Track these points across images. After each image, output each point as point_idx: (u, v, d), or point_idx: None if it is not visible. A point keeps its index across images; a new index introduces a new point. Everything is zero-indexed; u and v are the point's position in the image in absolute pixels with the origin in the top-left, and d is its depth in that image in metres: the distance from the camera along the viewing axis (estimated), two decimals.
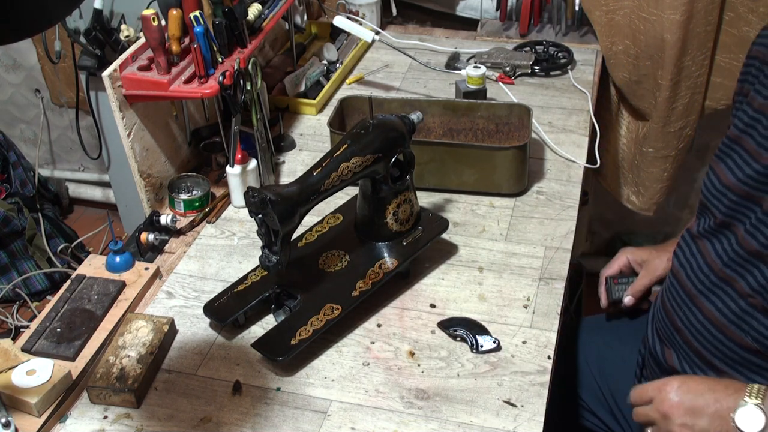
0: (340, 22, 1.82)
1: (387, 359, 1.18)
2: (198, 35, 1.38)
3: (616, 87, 1.99)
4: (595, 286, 1.49)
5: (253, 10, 1.55)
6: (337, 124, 1.57)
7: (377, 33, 1.97)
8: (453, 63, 1.93)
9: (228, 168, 1.47)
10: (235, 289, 1.27)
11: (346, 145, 1.20)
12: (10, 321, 2.40)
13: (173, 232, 1.46)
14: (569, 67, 1.90)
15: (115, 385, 1.11)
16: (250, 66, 1.45)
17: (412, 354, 1.19)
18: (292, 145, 1.70)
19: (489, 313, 1.25)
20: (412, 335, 1.22)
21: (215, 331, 1.25)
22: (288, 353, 1.14)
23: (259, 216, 1.13)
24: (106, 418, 1.11)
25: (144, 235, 1.42)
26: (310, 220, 1.33)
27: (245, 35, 1.52)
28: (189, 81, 1.42)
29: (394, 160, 1.24)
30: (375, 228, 1.30)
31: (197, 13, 1.39)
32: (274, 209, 1.10)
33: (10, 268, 2.46)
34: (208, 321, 1.26)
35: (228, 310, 1.23)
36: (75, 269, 1.48)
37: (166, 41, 1.40)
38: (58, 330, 1.23)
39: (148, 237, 1.42)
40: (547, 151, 1.63)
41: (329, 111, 1.69)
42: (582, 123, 1.71)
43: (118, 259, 1.35)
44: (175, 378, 1.17)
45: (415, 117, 1.30)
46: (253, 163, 1.48)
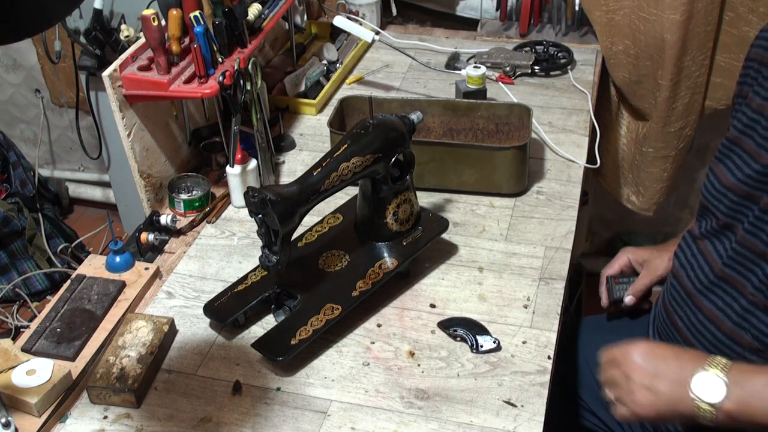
0: (340, 22, 1.82)
1: (387, 359, 1.18)
2: (198, 35, 1.38)
3: (616, 87, 1.99)
4: (595, 286, 1.49)
5: (253, 10, 1.55)
6: (337, 124, 1.57)
7: (377, 33, 1.97)
8: (453, 63, 1.93)
9: (228, 168, 1.47)
10: (235, 289, 1.27)
11: (346, 145, 1.20)
12: (10, 321, 2.40)
13: (173, 232, 1.46)
14: (569, 67, 1.90)
15: (115, 385, 1.11)
16: (250, 66, 1.45)
17: (412, 354, 1.19)
18: (292, 145, 1.70)
19: (489, 313, 1.25)
20: (412, 335, 1.22)
21: (215, 331, 1.25)
22: (288, 353, 1.14)
23: (259, 216, 1.13)
24: (106, 418, 1.11)
25: (144, 235, 1.42)
26: (310, 220, 1.33)
27: (245, 35, 1.52)
28: (189, 81, 1.42)
29: (394, 160, 1.24)
30: (375, 228, 1.30)
31: (197, 13, 1.39)
32: (274, 209, 1.10)
33: (10, 268, 2.46)
34: (208, 321, 1.26)
35: (228, 310, 1.23)
36: (75, 269, 1.48)
37: (166, 41, 1.40)
38: (58, 330, 1.23)
39: (148, 237, 1.42)
40: (547, 151, 1.63)
41: (329, 111, 1.69)
42: (582, 123, 1.71)
43: (118, 259, 1.35)
44: (175, 378, 1.17)
45: (415, 117, 1.30)
46: (253, 163, 1.48)
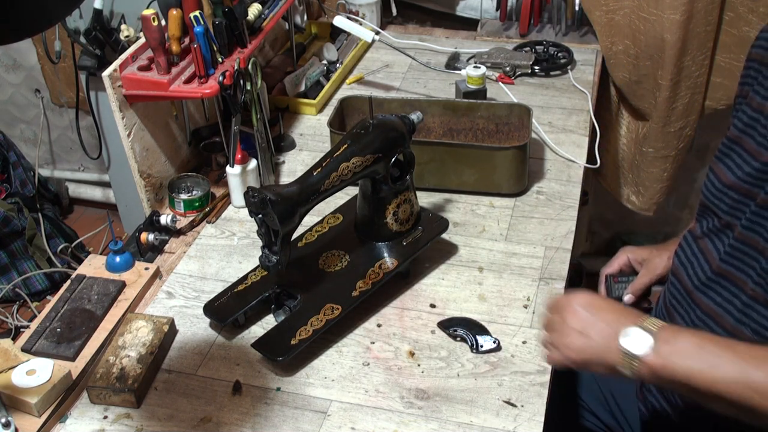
0: (340, 22, 1.82)
1: (387, 359, 1.18)
2: (198, 35, 1.38)
3: (616, 87, 1.99)
4: (595, 286, 1.49)
5: (253, 10, 1.55)
6: (337, 124, 1.57)
7: (377, 33, 1.97)
8: (453, 63, 1.93)
9: (228, 168, 1.47)
10: (235, 289, 1.27)
11: (346, 145, 1.20)
12: (10, 321, 2.40)
13: (173, 232, 1.46)
14: (569, 67, 1.90)
15: (115, 385, 1.11)
16: (250, 66, 1.45)
17: (412, 354, 1.19)
18: (292, 145, 1.70)
19: (489, 313, 1.25)
20: (412, 335, 1.22)
21: (215, 331, 1.25)
22: (288, 353, 1.14)
23: (259, 216, 1.13)
24: (106, 418, 1.11)
25: (144, 235, 1.42)
26: (310, 220, 1.33)
27: (245, 35, 1.52)
28: (189, 81, 1.42)
29: (394, 160, 1.24)
30: (375, 228, 1.30)
31: (197, 13, 1.39)
32: (274, 209, 1.10)
33: (10, 268, 2.46)
34: (208, 321, 1.26)
35: (228, 310, 1.23)
36: (75, 269, 1.48)
37: (166, 41, 1.40)
38: (58, 330, 1.23)
39: (148, 237, 1.42)
40: (547, 151, 1.63)
41: (329, 111, 1.69)
42: (582, 123, 1.71)
43: (118, 259, 1.35)
44: (175, 378, 1.17)
45: (415, 117, 1.30)
46: (253, 163, 1.48)
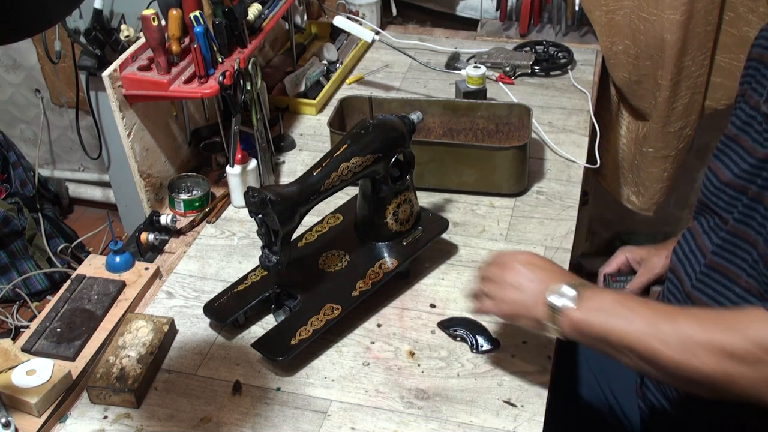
0: (340, 22, 1.82)
1: (387, 359, 1.18)
2: (198, 35, 1.38)
3: (616, 87, 1.99)
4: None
5: (253, 10, 1.55)
6: (337, 124, 1.57)
7: (377, 33, 1.97)
8: (453, 63, 1.93)
9: (228, 168, 1.47)
10: (235, 289, 1.27)
11: (346, 145, 1.20)
12: (10, 321, 2.40)
13: (173, 232, 1.46)
14: (569, 67, 1.90)
15: (115, 385, 1.11)
16: (250, 66, 1.45)
17: (412, 354, 1.19)
18: (292, 145, 1.70)
19: None
20: (412, 335, 1.22)
21: (215, 331, 1.25)
22: (288, 353, 1.14)
23: (259, 216, 1.13)
24: (106, 418, 1.11)
25: (144, 235, 1.42)
26: (310, 220, 1.33)
27: (245, 35, 1.52)
28: (189, 81, 1.42)
29: (394, 160, 1.24)
30: (375, 228, 1.30)
31: (197, 13, 1.39)
32: (274, 209, 1.10)
33: (10, 268, 2.46)
34: (208, 321, 1.26)
35: (228, 310, 1.23)
36: (75, 269, 1.48)
37: (166, 41, 1.40)
38: (58, 330, 1.23)
39: (148, 237, 1.42)
40: (547, 151, 1.63)
41: (329, 111, 1.69)
42: (582, 123, 1.71)
43: (118, 259, 1.35)
44: (175, 378, 1.17)
45: (415, 117, 1.30)
46: (253, 163, 1.48)
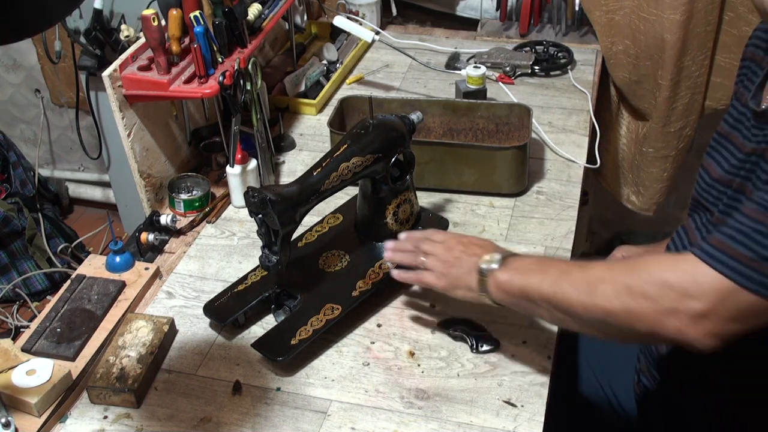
0: (340, 22, 1.82)
1: (387, 359, 1.18)
2: (198, 35, 1.38)
3: (616, 87, 1.99)
4: None
5: (253, 10, 1.55)
6: (337, 124, 1.57)
7: (377, 33, 1.97)
8: (453, 63, 1.93)
9: (228, 168, 1.47)
10: (235, 289, 1.27)
11: (346, 145, 1.20)
12: (10, 321, 2.40)
13: (173, 232, 1.46)
14: (569, 67, 1.90)
15: (115, 385, 1.11)
16: (250, 66, 1.45)
17: (412, 354, 1.19)
18: (292, 145, 1.70)
19: (489, 313, 1.24)
20: (412, 335, 1.22)
21: (215, 331, 1.25)
22: (288, 353, 1.14)
23: (259, 216, 1.13)
24: (106, 418, 1.11)
25: (144, 235, 1.42)
26: (310, 220, 1.33)
27: (245, 35, 1.52)
28: (189, 81, 1.42)
29: (394, 160, 1.24)
30: (375, 228, 1.30)
31: (197, 13, 1.39)
32: (274, 209, 1.10)
33: (10, 268, 2.46)
34: (208, 321, 1.26)
35: (228, 310, 1.23)
36: (75, 269, 1.48)
37: (166, 41, 1.40)
38: (58, 330, 1.23)
39: (148, 237, 1.42)
40: (547, 151, 1.63)
41: (329, 111, 1.69)
42: (582, 123, 1.71)
43: (118, 259, 1.35)
44: (175, 378, 1.17)
45: (415, 117, 1.30)
46: (253, 163, 1.48)
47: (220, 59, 1.46)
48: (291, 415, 1.10)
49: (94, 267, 1.37)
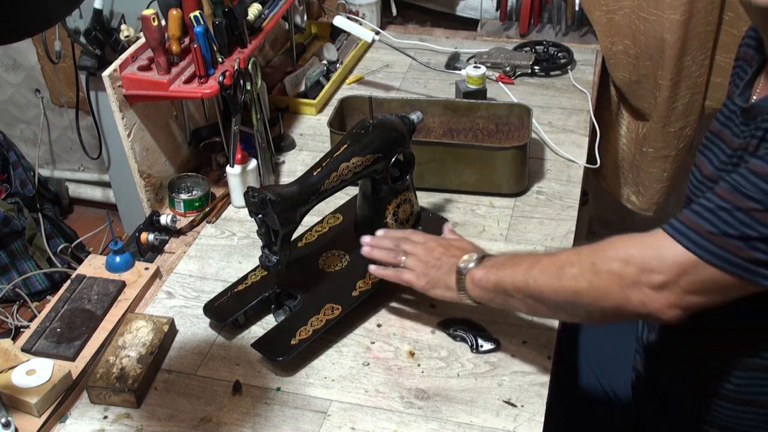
0: (340, 22, 1.82)
1: (387, 359, 1.18)
2: (198, 35, 1.38)
3: (616, 87, 1.99)
4: None
5: (253, 10, 1.55)
6: (337, 124, 1.57)
7: (377, 33, 1.97)
8: (453, 63, 1.93)
9: (228, 168, 1.47)
10: (235, 289, 1.27)
11: (346, 145, 1.20)
12: (10, 321, 2.40)
13: (173, 232, 1.46)
14: (569, 67, 1.90)
15: (115, 385, 1.11)
16: (250, 66, 1.45)
17: (412, 354, 1.19)
18: (292, 145, 1.70)
19: (489, 313, 1.24)
20: (412, 335, 1.22)
21: (215, 331, 1.25)
22: (288, 353, 1.14)
23: (259, 216, 1.13)
24: (106, 418, 1.11)
25: (144, 235, 1.42)
26: (310, 220, 1.33)
27: (245, 35, 1.52)
28: (189, 81, 1.42)
29: (394, 160, 1.24)
30: (375, 228, 1.29)
31: (197, 13, 1.39)
32: (274, 209, 1.10)
33: (10, 268, 2.46)
34: (208, 321, 1.26)
35: (228, 310, 1.23)
36: (75, 269, 1.48)
37: (166, 41, 1.40)
38: (58, 330, 1.23)
39: (148, 237, 1.42)
40: (547, 151, 1.63)
41: (329, 111, 1.69)
42: (582, 123, 1.71)
43: (118, 259, 1.35)
44: (175, 378, 1.17)
45: (415, 117, 1.30)
46: (253, 163, 1.48)
47: (220, 59, 1.46)
48: (291, 415, 1.10)
49: (94, 267, 1.37)
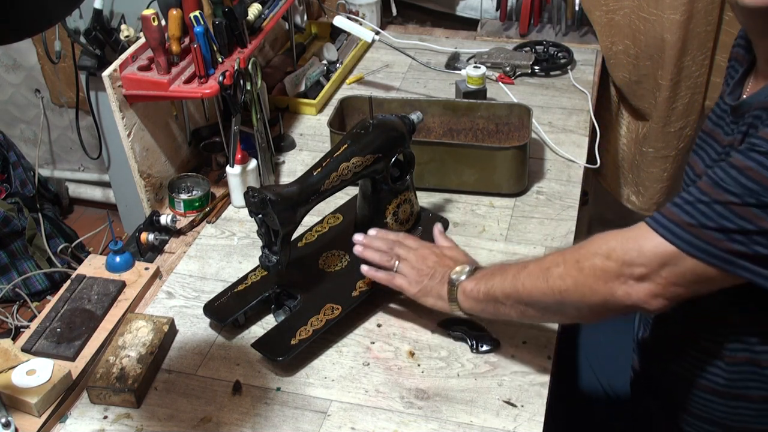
0: (340, 22, 1.82)
1: (387, 359, 1.18)
2: (198, 35, 1.38)
3: (616, 87, 1.99)
4: None
5: (253, 10, 1.55)
6: (337, 124, 1.57)
7: (377, 33, 1.97)
8: (453, 63, 1.93)
9: (228, 168, 1.47)
10: (235, 289, 1.27)
11: (346, 145, 1.20)
12: (10, 321, 2.40)
13: (173, 232, 1.46)
14: (569, 67, 1.90)
15: (115, 385, 1.11)
16: (250, 66, 1.45)
17: (412, 354, 1.19)
18: (292, 145, 1.70)
19: None
20: (412, 335, 1.22)
21: (215, 331, 1.25)
22: (288, 353, 1.14)
23: (259, 216, 1.13)
24: (106, 418, 1.11)
25: (144, 235, 1.42)
26: (310, 220, 1.33)
27: (245, 35, 1.52)
28: (189, 81, 1.42)
29: (394, 160, 1.24)
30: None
31: (197, 13, 1.39)
32: (274, 209, 1.10)
33: (10, 268, 2.46)
34: (208, 321, 1.26)
35: (228, 310, 1.23)
36: (75, 269, 1.48)
37: (166, 41, 1.40)
38: (58, 330, 1.23)
39: (148, 237, 1.42)
40: (547, 151, 1.63)
41: (329, 111, 1.69)
42: (582, 123, 1.71)
43: (118, 259, 1.35)
44: (175, 378, 1.17)
45: (415, 117, 1.30)
46: (253, 163, 1.48)
47: (220, 59, 1.46)
48: (291, 415, 1.10)
49: (94, 267, 1.37)
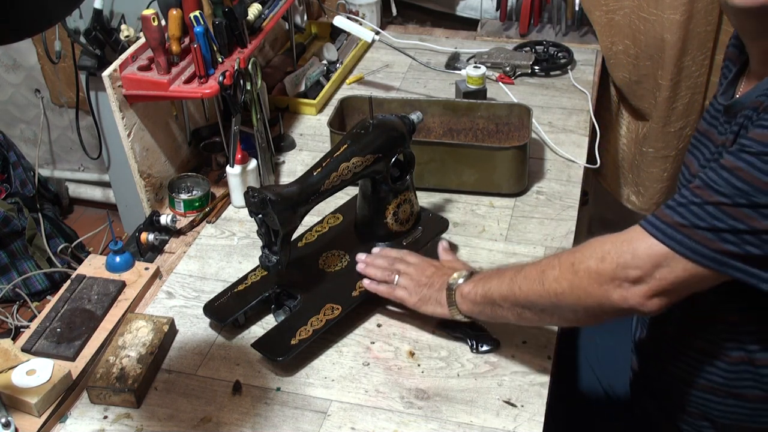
0: (340, 22, 1.82)
1: (387, 359, 1.18)
2: (198, 35, 1.38)
3: (616, 87, 1.99)
4: None
5: (253, 10, 1.55)
6: (337, 124, 1.57)
7: (377, 33, 1.97)
8: (453, 63, 1.93)
9: (228, 168, 1.47)
10: (235, 289, 1.27)
11: (346, 145, 1.20)
12: (10, 321, 2.40)
13: (173, 232, 1.46)
14: (569, 67, 1.90)
15: (115, 385, 1.11)
16: (250, 66, 1.45)
17: (412, 354, 1.19)
18: (292, 145, 1.70)
19: None
20: (412, 335, 1.22)
21: (215, 331, 1.25)
22: (288, 353, 1.14)
23: (259, 216, 1.13)
24: (106, 418, 1.11)
25: (144, 235, 1.42)
26: (310, 220, 1.33)
27: (245, 35, 1.52)
28: (189, 81, 1.42)
29: (394, 160, 1.24)
30: (375, 228, 1.30)
31: (197, 13, 1.39)
32: (274, 209, 1.10)
33: (10, 268, 2.46)
34: (208, 321, 1.26)
35: (228, 310, 1.23)
36: (75, 269, 1.48)
37: (166, 41, 1.40)
38: (58, 330, 1.23)
39: (148, 237, 1.42)
40: (547, 151, 1.63)
41: (329, 111, 1.69)
42: (582, 123, 1.71)
43: (118, 259, 1.35)
44: (175, 378, 1.17)
45: (415, 117, 1.30)
46: (253, 163, 1.48)
47: (220, 59, 1.46)
48: (291, 415, 1.10)
49: (94, 267, 1.37)
